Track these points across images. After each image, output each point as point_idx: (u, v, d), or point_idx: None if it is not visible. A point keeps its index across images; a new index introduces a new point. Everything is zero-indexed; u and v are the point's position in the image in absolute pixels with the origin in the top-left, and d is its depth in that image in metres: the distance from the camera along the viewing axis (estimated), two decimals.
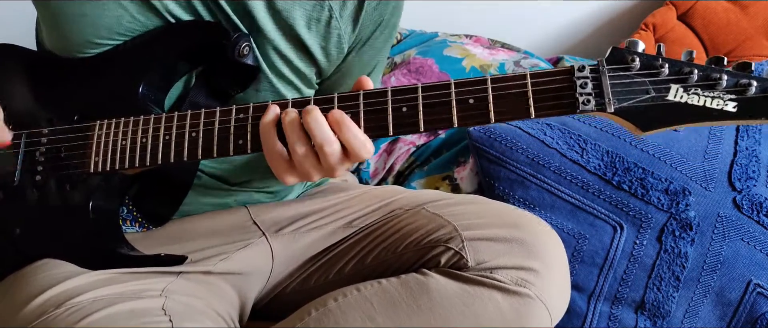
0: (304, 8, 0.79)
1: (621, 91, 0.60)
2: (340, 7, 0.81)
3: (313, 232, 0.88)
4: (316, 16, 0.80)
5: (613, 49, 0.61)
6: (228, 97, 0.81)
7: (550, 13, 1.69)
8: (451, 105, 0.63)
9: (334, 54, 0.84)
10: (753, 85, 0.57)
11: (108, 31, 0.75)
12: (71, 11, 0.74)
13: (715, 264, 1.05)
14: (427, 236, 0.80)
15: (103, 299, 0.70)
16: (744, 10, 1.54)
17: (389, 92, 0.66)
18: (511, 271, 0.74)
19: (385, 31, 0.88)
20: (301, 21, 0.79)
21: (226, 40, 0.75)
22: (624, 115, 0.60)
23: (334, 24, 0.81)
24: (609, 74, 0.60)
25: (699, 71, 0.58)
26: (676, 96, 0.59)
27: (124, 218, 0.83)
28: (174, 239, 0.84)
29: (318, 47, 0.82)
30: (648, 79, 0.60)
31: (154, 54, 0.76)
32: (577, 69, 0.61)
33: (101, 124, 0.74)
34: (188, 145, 0.70)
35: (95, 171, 0.74)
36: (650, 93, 0.59)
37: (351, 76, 0.89)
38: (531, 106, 0.61)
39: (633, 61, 0.60)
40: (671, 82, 0.59)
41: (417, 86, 0.65)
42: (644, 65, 0.60)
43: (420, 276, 0.75)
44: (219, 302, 0.80)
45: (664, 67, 0.59)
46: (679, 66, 0.59)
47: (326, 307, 0.76)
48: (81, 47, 0.76)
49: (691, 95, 0.58)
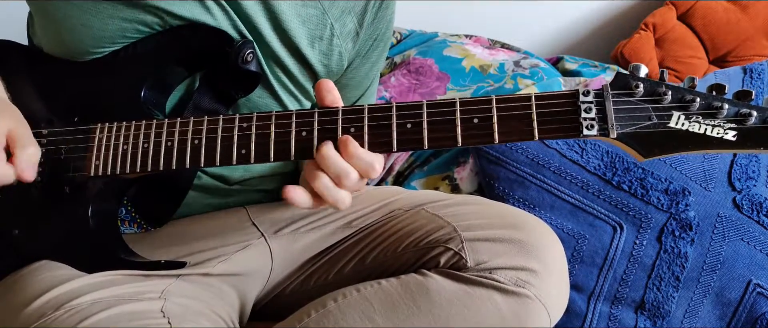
0: (308, 27, 0.81)
1: (624, 117, 0.61)
2: (341, 25, 0.83)
3: (312, 232, 0.88)
4: (318, 34, 0.82)
5: (618, 74, 0.62)
6: (232, 101, 0.81)
7: (550, 13, 1.69)
8: (456, 123, 0.64)
9: (335, 70, 0.86)
10: (753, 115, 0.58)
11: (110, 40, 0.76)
12: (71, 21, 0.74)
13: (715, 264, 1.05)
14: (427, 236, 0.80)
15: (102, 301, 0.70)
16: (744, 10, 1.54)
17: (394, 108, 0.66)
18: (510, 271, 0.74)
19: (380, 46, 0.91)
20: (304, 40, 0.81)
21: (230, 47, 0.75)
22: (626, 140, 0.61)
23: (336, 41, 0.83)
24: (613, 99, 0.61)
25: (701, 99, 0.59)
26: (677, 123, 0.60)
27: (122, 219, 0.83)
28: (172, 240, 0.84)
29: (320, 65, 0.84)
30: (651, 106, 0.61)
31: (156, 58, 0.76)
32: (581, 93, 0.62)
33: (102, 128, 0.74)
34: (191, 152, 0.70)
35: (95, 175, 0.73)
36: (652, 119, 0.60)
37: (349, 89, 0.92)
38: (535, 129, 0.62)
39: (637, 88, 0.61)
40: (673, 110, 0.60)
41: (422, 103, 0.65)
42: (647, 91, 0.61)
43: (419, 277, 0.75)
44: (219, 303, 0.80)
45: (667, 94, 0.60)
46: (681, 93, 0.60)
47: (326, 308, 0.76)
48: (82, 55, 0.77)
49: (692, 123, 0.59)
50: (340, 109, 0.66)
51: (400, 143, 0.65)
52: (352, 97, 0.94)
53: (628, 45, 1.55)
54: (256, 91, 0.81)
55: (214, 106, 0.80)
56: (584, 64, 1.50)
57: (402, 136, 0.65)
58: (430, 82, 1.39)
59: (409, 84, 1.40)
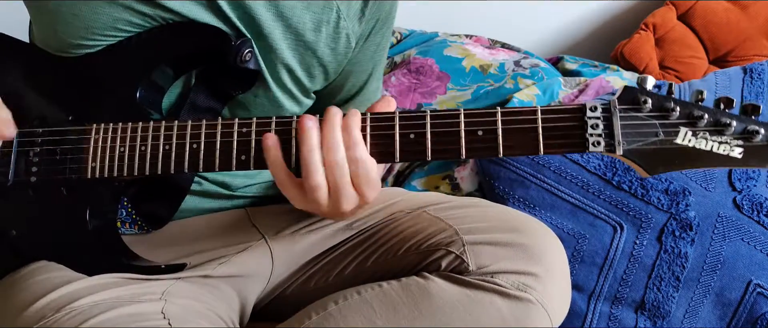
0: (313, 11, 0.78)
1: (631, 133, 0.60)
2: (347, 7, 0.81)
3: (313, 234, 0.87)
4: (325, 18, 0.80)
5: (626, 88, 0.61)
6: (229, 98, 0.80)
7: (550, 13, 1.69)
8: (460, 135, 0.63)
9: (343, 54, 0.84)
10: (760, 133, 0.58)
11: (101, 33, 0.74)
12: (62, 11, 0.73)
13: (715, 264, 1.05)
14: (428, 239, 0.80)
15: (103, 303, 0.70)
16: (744, 10, 1.54)
17: (397, 117, 0.65)
18: (512, 276, 0.73)
19: (383, 28, 0.88)
20: (309, 25, 0.79)
21: (227, 46, 0.74)
22: (631, 156, 0.60)
23: (343, 24, 0.81)
24: (620, 114, 0.60)
25: (709, 116, 0.58)
26: (684, 139, 0.59)
27: (122, 221, 0.83)
28: (172, 241, 0.84)
29: (327, 49, 0.82)
30: (658, 122, 0.60)
31: (151, 56, 0.74)
32: (588, 108, 0.61)
33: (98, 129, 0.73)
34: (189, 157, 0.69)
35: (92, 177, 0.72)
36: (659, 135, 0.60)
37: (353, 75, 0.89)
38: (540, 143, 0.61)
39: (645, 103, 0.60)
40: (681, 126, 0.59)
41: (425, 112, 0.64)
42: (655, 107, 0.60)
43: (421, 280, 0.75)
44: (219, 304, 0.79)
45: (675, 110, 0.59)
46: (689, 109, 0.59)
47: (327, 310, 0.76)
48: (74, 49, 0.75)
49: (699, 139, 0.59)
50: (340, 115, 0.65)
51: (403, 154, 0.64)
52: (358, 82, 0.91)
53: (628, 45, 1.55)
54: (252, 90, 0.79)
55: (212, 104, 0.79)
56: (584, 64, 1.50)
57: (405, 146, 0.64)
58: (431, 82, 1.39)
59: (410, 83, 1.40)
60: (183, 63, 0.77)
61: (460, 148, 0.63)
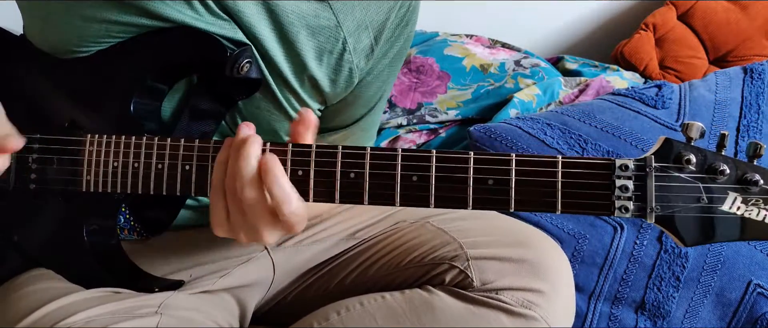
0: (317, 40, 0.75)
1: (667, 197, 0.51)
2: (355, 41, 0.77)
3: (316, 245, 0.86)
4: (328, 48, 0.76)
5: (666, 141, 0.52)
6: (232, 103, 0.77)
7: (550, 13, 1.69)
8: (468, 183, 0.56)
9: (343, 86, 0.80)
10: None
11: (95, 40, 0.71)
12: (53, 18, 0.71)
13: (715, 264, 1.05)
14: (432, 252, 0.78)
15: (97, 319, 0.67)
16: (744, 10, 1.54)
17: (399, 156, 0.58)
18: (517, 292, 0.72)
19: (395, 65, 0.85)
20: (311, 53, 0.75)
21: (222, 57, 0.70)
22: (665, 223, 0.52)
23: (347, 57, 0.77)
24: (656, 174, 0.51)
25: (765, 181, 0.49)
26: (732, 207, 0.50)
27: (121, 227, 0.81)
28: (172, 251, 0.82)
29: (327, 79, 0.78)
30: (702, 185, 0.51)
31: (145, 65, 0.72)
32: (618, 167, 0.52)
33: (92, 141, 0.70)
34: (181, 179, 0.66)
35: (87, 190, 0.70)
36: (702, 201, 0.51)
37: (354, 107, 0.85)
38: (558, 201, 0.54)
39: (688, 162, 0.51)
40: (730, 190, 0.50)
41: (431, 154, 0.57)
42: (701, 167, 0.51)
43: (425, 293, 0.74)
44: (219, 312, 0.78)
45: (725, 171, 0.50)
46: (744, 169, 0.50)
47: (329, 321, 0.75)
48: (67, 53, 0.73)
49: (750, 207, 0.50)
50: (339, 150, 0.60)
51: (404, 198, 0.58)
52: (357, 114, 0.87)
53: (628, 45, 1.55)
54: (260, 103, 0.76)
55: (214, 108, 0.76)
56: (584, 64, 1.50)
57: (406, 190, 0.57)
58: (431, 82, 1.39)
59: (410, 83, 1.40)
60: (178, 71, 0.74)
61: (467, 198, 0.56)
